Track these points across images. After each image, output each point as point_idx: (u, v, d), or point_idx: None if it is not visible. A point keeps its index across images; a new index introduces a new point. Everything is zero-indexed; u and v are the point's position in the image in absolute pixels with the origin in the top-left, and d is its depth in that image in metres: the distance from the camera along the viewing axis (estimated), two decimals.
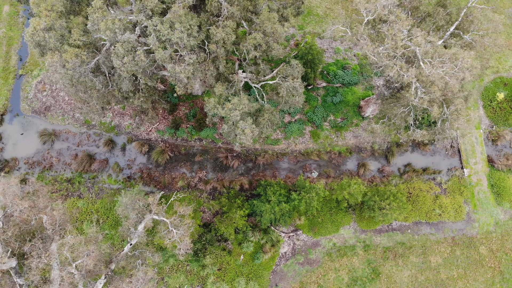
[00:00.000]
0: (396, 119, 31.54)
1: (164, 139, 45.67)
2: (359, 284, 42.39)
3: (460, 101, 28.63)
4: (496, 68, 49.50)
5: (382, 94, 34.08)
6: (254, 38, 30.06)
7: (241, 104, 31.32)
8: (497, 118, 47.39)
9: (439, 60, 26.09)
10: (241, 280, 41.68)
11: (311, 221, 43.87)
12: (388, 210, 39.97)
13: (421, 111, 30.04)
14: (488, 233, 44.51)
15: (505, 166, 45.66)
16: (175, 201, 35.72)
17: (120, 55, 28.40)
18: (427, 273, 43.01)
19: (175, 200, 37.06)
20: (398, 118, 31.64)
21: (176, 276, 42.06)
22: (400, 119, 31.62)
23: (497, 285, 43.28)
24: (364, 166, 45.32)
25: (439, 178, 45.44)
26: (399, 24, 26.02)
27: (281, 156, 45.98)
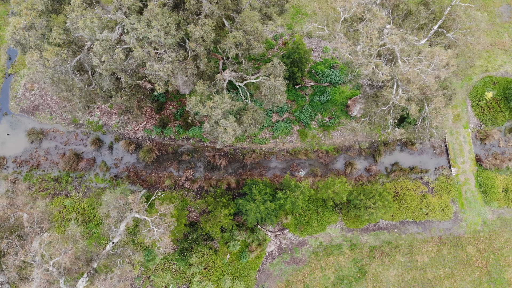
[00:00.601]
0: (376, 118, 31.45)
1: (151, 138, 45.70)
2: (345, 283, 42.33)
3: (439, 100, 28.54)
4: (485, 67, 49.40)
5: (365, 92, 34.01)
6: (234, 36, 30.06)
7: (223, 102, 31.32)
8: (486, 117, 47.27)
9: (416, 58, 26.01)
10: (227, 279, 41.67)
11: (298, 220, 43.83)
12: (373, 209, 39.90)
13: (400, 109, 29.97)
14: (475, 232, 44.39)
15: (493, 165, 45.53)
16: (156, 200, 35.67)
17: (99, 53, 28.44)
18: (414, 272, 42.92)
19: (157, 199, 37.03)
20: (377, 117, 31.55)
21: (162, 275, 42.07)
22: (380, 117, 31.53)
23: (485, 285, 43.16)
24: (351, 165, 45.27)
25: (427, 177, 45.35)
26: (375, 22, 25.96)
27: (268, 155, 45.95)
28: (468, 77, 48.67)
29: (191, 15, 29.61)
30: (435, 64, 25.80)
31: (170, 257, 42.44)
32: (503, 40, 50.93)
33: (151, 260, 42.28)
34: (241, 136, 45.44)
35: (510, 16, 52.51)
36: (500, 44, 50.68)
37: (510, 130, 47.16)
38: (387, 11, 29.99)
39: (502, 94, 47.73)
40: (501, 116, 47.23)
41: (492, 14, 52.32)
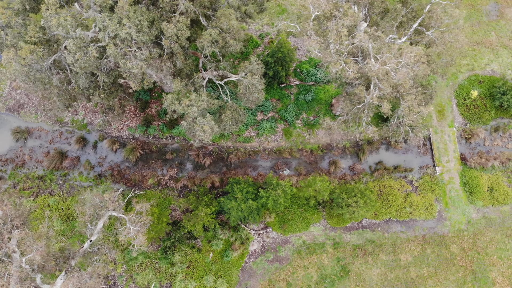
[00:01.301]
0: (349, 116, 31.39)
1: (136, 137, 45.74)
2: (328, 282, 42.27)
3: (412, 98, 28.44)
4: (472, 65, 49.26)
5: (345, 91, 33.98)
6: (209, 34, 30.05)
7: (200, 100, 31.32)
8: (471, 116, 47.12)
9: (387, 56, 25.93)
10: (209, 278, 41.66)
11: (281, 219, 43.79)
12: (355, 208, 39.81)
13: (374, 108, 29.89)
14: (460, 231, 44.25)
15: (478, 164, 45.38)
16: (132, 198, 35.71)
17: (72, 51, 28.48)
18: (397, 271, 42.82)
19: (133, 197, 37.06)
20: (351, 115, 31.50)
21: (145, 274, 42.09)
22: (354, 116, 31.47)
23: (469, 284, 43.02)
24: (335, 164, 45.21)
25: (411, 176, 45.26)
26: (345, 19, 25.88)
27: (253, 154, 45.92)
28: (454, 75, 48.55)
29: (166, 12, 29.60)
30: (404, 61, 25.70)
31: (153, 256, 42.48)
32: (490, 38, 50.78)
33: (134, 258, 42.34)
34: (226, 134, 45.46)
35: (498, 15, 52.35)
36: (487, 42, 50.53)
37: (496, 129, 47.00)
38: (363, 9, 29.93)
39: (488, 93, 47.58)
40: (487, 115, 47.07)
41: (479, 13, 52.18)
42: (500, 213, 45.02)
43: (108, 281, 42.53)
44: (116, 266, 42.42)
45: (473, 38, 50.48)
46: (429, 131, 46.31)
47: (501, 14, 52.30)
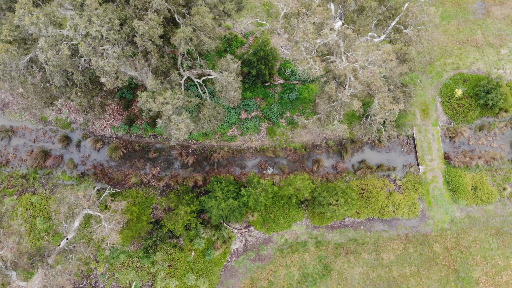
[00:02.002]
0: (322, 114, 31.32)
1: (119, 135, 45.77)
2: (309, 280, 42.20)
3: (383, 95, 28.34)
4: (457, 64, 49.11)
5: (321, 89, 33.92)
6: (183, 31, 30.06)
7: (175, 98, 31.31)
8: (455, 115, 46.97)
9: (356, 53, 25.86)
10: (191, 277, 41.65)
11: (264, 217, 43.75)
12: (336, 206, 39.73)
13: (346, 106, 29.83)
14: (443, 230, 44.11)
15: (462, 163, 45.22)
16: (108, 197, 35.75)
17: (44, 49, 28.51)
18: (379, 270, 42.72)
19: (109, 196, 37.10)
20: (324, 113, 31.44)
21: (126, 272, 42.12)
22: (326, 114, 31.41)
23: (452, 283, 42.87)
24: (318, 163, 45.14)
25: (394, 175, 45.15)
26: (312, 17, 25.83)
27: (237, 152, 45.88)
28: (439, 74, 48.42)
29: (138, 10, 29.62)
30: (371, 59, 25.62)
31: (135, 255, 42.52)
32: (476, 37, 50.63)
33: (115, 257, 42.38)
34: (209, 133, 45.45)
35: (484, 13, 52.20)
36: (473, 41, 50.38)
37: (481, 127, 46.85)
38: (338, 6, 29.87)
39: (473, 91, 47.42)
40: (472, 113, 46.92)
41: (465, 11, 52.02)
42: (484, 212, 44.87)
43: (90, 279, 42.59)
44: (98, 264, 42.47)
45: (458, 37, 50.33)
46: (412, 130, 46.21)
47: (488, 12, 52.15)
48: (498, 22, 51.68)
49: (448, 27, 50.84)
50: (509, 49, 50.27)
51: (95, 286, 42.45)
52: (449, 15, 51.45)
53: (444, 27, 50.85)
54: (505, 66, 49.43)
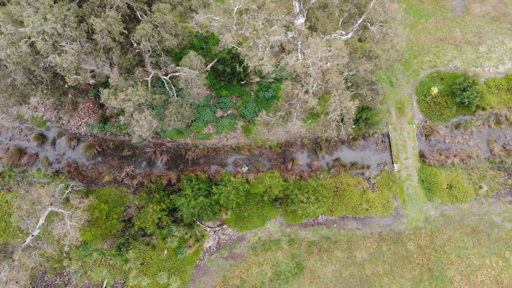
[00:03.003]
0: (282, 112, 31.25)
1: (94, 134, 45.85)
2: (282, 278, 42.09)
3: (339, 92, 28.22)
4: (434, 62, 48.88)
5: None
6: (142, 28, 30.07)
7: (137, 95, 31.31)
8: (431, 113, 46.74)
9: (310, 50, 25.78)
10: (163, 275, 41.65)
11: (237, 216, 43.69)
12: (306, 204, 39.63)
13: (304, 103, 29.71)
14: (417, 229, 43.89)
15: (437, 161, 44.98)
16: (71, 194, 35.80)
17: (4, 47, 28.59)
18: (352, 268, 42.55)
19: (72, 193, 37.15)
20: (283, 110, 31.35)
21: (99, 270, 42.17)
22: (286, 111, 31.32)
23: (425, 282, 42.63)
24: (293, 161, 45.05)
25: (368, 173, 44.97)
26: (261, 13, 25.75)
27: (212, 151, 45.84)
28: (415, 72, 48.22)
29: (97, 7, 29.66)
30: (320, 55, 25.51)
31: (107, 252, 42.57)
32: (454, 35, 50.39)
33: (88, 255, 42.46)
34: (184, 131, 45.44)
35: (464, 11, 51.95)
36: (451, 39, 50.14)
37: (457, 126, 46.61)
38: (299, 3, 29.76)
39: (450, 89, 47.18)
40: (448, 111, 46.68)
41: (444, 9, 51.78)
42: (459, 210, 44.61)
43: (63, 277, 42.67)
44: (71, 262, 42.58)
45: (436, 35, 50.12)
46: (388, 128, 46.03)
47: (467, 10, 51.89)
48: (477, 20, 51.41)
49: (426, 25, 50.65)
50: (488, 46, 50.00)
51: (68, 283, 42.53)
52: (427, 13, 51.25)
53: (422, 25, 50.68)
54: (483, 64, 49.15)
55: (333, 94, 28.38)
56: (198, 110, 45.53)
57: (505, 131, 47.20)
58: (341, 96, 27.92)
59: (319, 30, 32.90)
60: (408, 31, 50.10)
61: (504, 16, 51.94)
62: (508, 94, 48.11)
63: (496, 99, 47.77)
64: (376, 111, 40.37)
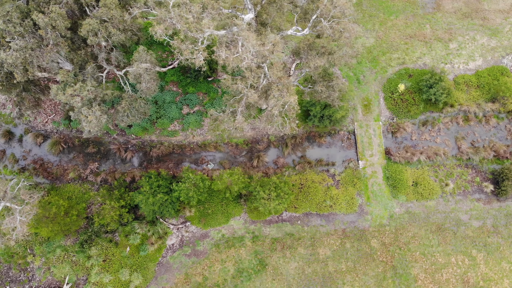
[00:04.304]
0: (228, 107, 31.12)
1: (60, 130, 45.96)
2: (244, 275, 41.97)
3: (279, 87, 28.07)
4: (403, 59, 48.60)
5: None
6: (88, 23, 30.10)
7: (85, 90, 31.35)
8: (398, 110, 46.47)
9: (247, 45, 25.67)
10: (125, 271, 41.67)
11: (201, 213, 43.63)
12: (267, 200, 39.51)
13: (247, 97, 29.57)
14: (381, 226, 43.63)
15: (403, 158, 44.69)
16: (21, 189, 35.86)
17: None
18: (315, 265, 42.36)
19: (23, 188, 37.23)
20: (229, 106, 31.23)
21: (61, 266, 42.27)
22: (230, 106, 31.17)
23: (389, 280, 42.36)
24: (259, 158, 44.93)
25: (333, 170, 44.77)
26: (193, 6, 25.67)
27: (177, 148, 45.81)
28: (383, 69, 47.96)
29: (43, 3, 29.72)
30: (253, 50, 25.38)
31: (70, 249, 42.65)
32: (424, 31, 50.08)
33: (52, 251, 42.56)
34: (150, 128, 45.43)
35: (434, 7, 51.62)
36: (421, 35, 49.83)
37: (424, 123, 46.32)
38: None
39: (417, 86, 46.89)
40: (415, 108, 46.39)
41: (414, 5, 51.49)
42: (425, 208, 44.30)
43: (27, 273, 42.80)
44: (35, 258, 42.69)
45: (406, 32, 49.84)
46: (354, 125, 45.82)
47: (438, 6, 51.58)
48: (448, 16, 51.08)
49: (396, 22, 50.39)
50: (459, 43, 49.67)
51: (32, 279, 42.65)
52: (397, 10, 50.99)
53: (392, 22, 50.43)
54: (453, 61, 48.82)
55: (272, 89, 28.23)
56: (164, 107, 45.55)
57: (474, 128, 46.84)
58: (282, 91, 27.76)
59: (272, 26, 32.79)
60: (378, 28, 49.91)
61: (476, 12, 51.58)
62: (478, 91, 47.77)
63: (465, 96, 47.41)
64: (336, 108, 40.13)
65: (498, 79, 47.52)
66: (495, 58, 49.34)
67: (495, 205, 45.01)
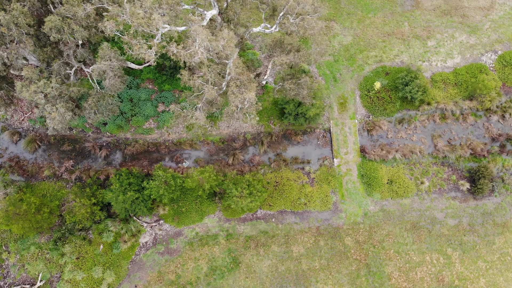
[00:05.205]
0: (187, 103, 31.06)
1: (36, 128, 46.03)
2: (217, 273, 41.94)
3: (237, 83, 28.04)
4: (380, 57, 48.48)
5: None
6: (50, 20, 30.13)
7: (49, 87, 31.38)
8: (374, 108, 46.34)
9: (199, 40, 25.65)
10: (98, 269, 41.67)
11: (175, 211, 43.62)
12: (239, 198, 39.47)
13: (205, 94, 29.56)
14: (355, 224, 43.51)
15: (379, 156, 44.57)
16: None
17: None
18: (288, 263, 42.29)
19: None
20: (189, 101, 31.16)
21: (35, 264, 42.31)
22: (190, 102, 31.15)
23: (362, 278, 42.24)
24: (234, 156, 44.89)
25: (308, 168, 44.68)
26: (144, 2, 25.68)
27: (152, 145, 45.82)
28: (360, 67, 47.84)
29: (5, 1, 29.79)
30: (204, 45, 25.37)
31: (44, 246, 42.72)
32: (403, 29, 49.94)
33: (26, 248, 42.64)
34: (124, 126, 45.44)
35: (413, 5, 51.47)
36: (399, 33, 49.69)
37: (401, 121, 46.18)
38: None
39: (394, 84, 46.74)
40: (391, 106, 46.26)
41: (393, 3, 51.35)
42: (400, 206, 44.17)
43: (2, 269, 42.88)
44: (10, 255, 42.79)
45: (384, 29, 49.71)
46: (329, 123, 45.72)
47: (417, 3, 51.41)
48: (427, 14, 50.92)
49: (374, 20, 50.26)
50: (437, 41, 49.51)
51: (7, 276, 42.73)
52: (375, 7, 50.86)
53: (370, 20, 50.30)
54: (431, 58, 48.67)
55: (231, 85, 28.20)
56: (139, 104, 45.56)
57: (451, 126, 46.67)
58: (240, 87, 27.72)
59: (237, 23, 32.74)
60: (355, 26, 49.80)
61: (456, 9, 51.42)
62: (456, 88, 47.60)
63: (442, 94, 47.24)
64: (308, 105, 40.03)
65: (476, 76, 47.33)
66: (474, 56, 49.16)
67: (472, 203, 44.84)
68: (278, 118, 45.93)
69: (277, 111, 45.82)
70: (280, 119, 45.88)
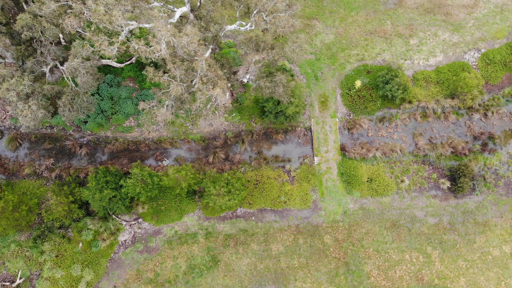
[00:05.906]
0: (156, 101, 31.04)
1: (17, 127, 46.09)
2: (196, 272, 41.97)
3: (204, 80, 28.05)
4: (362, 55, 48.42)
5: None
6: (20, 18, 30.16)
7: (21, 85, 31.42)
8: (355, 107, 46.30)
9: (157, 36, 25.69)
10: (77, 267, 41.73)
11: (154, 209, 43.64)
12: (217, 196, 39.48)
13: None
14: (334, 222, 43.49)
15: (359, 154, 44.53)
16: None
17: None
18: (267, 261, 42.29)
19: None
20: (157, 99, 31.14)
21: (15, 261, 42.39)
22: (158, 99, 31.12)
23: (341, 276, 42.22)
24: (215, 154, 44.89)
25: (289, 166, 44.67)
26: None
27: (132, 144, 45.83)
28: (341, 66, 47.81)
29: None
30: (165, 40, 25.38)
31: (24, 244, 42.78)
32: (385, 27, 49.88)
33: (6, 246, 42.73)
34: (105, 124, 45.47)
35: (396, 3, 51.41)
36: (381, 31, 49.64)
37: (381, 119, 46.14)
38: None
39: (375, 83, 46.69)
40: (372, 105, 46.21)
41: (376, 1, 51.28)
42: (380, 204, 44.13)
43: None
44: None
45: (366, 28, 49.64)
46: (310, 122, 45.69)
47: (400, 2, 51.34)
48: (410, 12, 50.85)
49: (356, 18, 50.21)
50: (420, 39, 49.43)
51: None
52: (358, 6, 50.80)
53: (352, 18, 50.26)
54: (413, 57, 48.60)
55: (197, 82, 28.22)
56: (119, 102, 45.57)
57: (432, 125, 46.62)
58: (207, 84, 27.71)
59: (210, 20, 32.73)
60: (338, 24, 49.75)
61: (439, 7, 51.33)
62: (437, 87, 47.54)
63: (424, 92, 47.19)
64: (285, 104, 39.98)
65: (458, 75, 47.25)
66: (456, 54, 49.09)
67: (452, 202, 44.78)
68: (259, 117, 45.93)
69: (258, 109, 45.83)
70: (261, 117, 45.88)
